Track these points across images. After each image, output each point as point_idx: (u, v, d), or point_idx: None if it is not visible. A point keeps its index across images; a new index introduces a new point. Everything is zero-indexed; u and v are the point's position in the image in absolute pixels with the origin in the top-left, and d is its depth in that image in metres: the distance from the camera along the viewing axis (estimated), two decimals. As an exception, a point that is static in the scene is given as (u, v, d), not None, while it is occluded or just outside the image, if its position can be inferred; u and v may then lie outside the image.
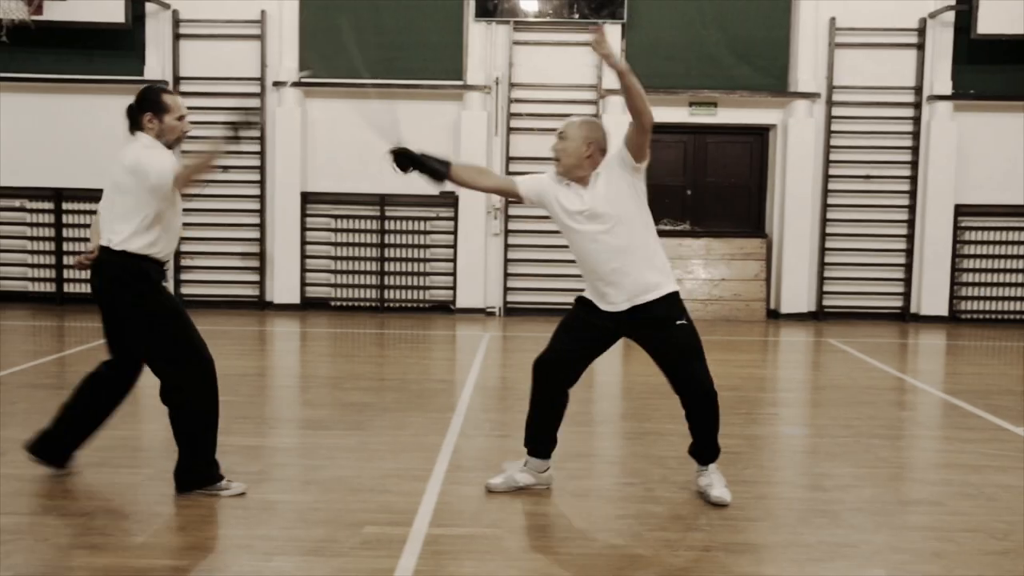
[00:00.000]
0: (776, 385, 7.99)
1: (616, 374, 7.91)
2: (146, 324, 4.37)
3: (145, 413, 6.07)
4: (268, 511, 4.28)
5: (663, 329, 4.34)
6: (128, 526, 4.09)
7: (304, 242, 11.72)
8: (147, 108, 4.40)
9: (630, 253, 4.27)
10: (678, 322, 4.33)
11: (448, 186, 4.34)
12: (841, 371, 8.23)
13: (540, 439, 4.60)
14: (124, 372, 4.58)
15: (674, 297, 4.36)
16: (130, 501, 4.39)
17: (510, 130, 11.60)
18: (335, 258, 11.79)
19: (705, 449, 4.56)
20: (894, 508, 4.51)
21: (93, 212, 11.55)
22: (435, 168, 4.41)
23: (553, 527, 4.19)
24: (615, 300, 4.33)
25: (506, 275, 11.69)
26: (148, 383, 4.63)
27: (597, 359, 4.57)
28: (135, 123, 4.44)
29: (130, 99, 4.53)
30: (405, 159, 4.37)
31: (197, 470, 4.47)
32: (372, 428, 5.85)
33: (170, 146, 4.44)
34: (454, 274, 11.71)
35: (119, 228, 4.32)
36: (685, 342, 4.35)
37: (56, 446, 4.61)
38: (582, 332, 4.46)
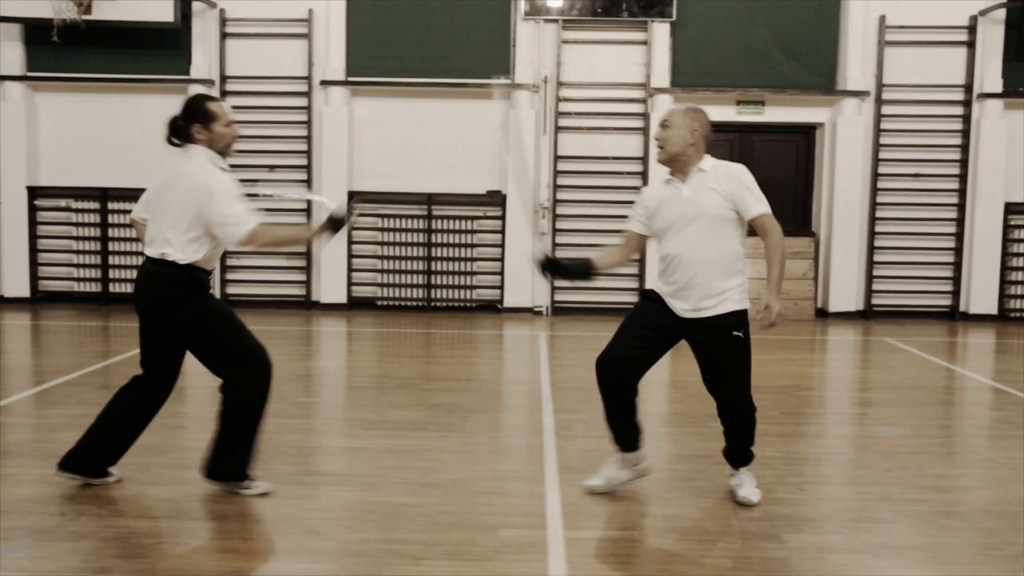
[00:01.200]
0: (851, 385, 7.93)
1: (695, 374, 7.87)
2: (205, 331, 4.34)
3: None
4: (398, 514, 4.25)
5: (717, 339, 4.30)
6: (263, 530, 4.07)
7: (351, 241, 11.67)
8: (195, 119, 4.33)
9: (714, 264, 4.25)
10: (734, 333, 4.30)
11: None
12: (911, 370, 8.19)
13: (623, 433, 4.57)
14: (157, 387, 4.52)
15: (741, 314, 4.33)
16: (254, 505, 4.35)
17: (558, 129, 11.56)
18: (382, 257, 11.76)
19: (738, 455, 4.55)
20: (1022, 510, 4.47)
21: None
22: (580, 272, 4.64)
23: (688, 529, 4.16)
24: (684, 305, 4.33)
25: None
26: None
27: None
28: (184, 135, 4.35)
29: (177, 98, 4.45)
30: (551, 266, 4.57)
31: (234, 462, 4.43)
32: (467, 430, 5.82)
33: (222, 153, 4.39)
34: (501, 273, 11.68)
35: (172, 238, 4.26)
36: (734, 356, 4.33)
37: (92, 458, 4.50)
38: (644, 329, 4.43)
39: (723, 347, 4.31)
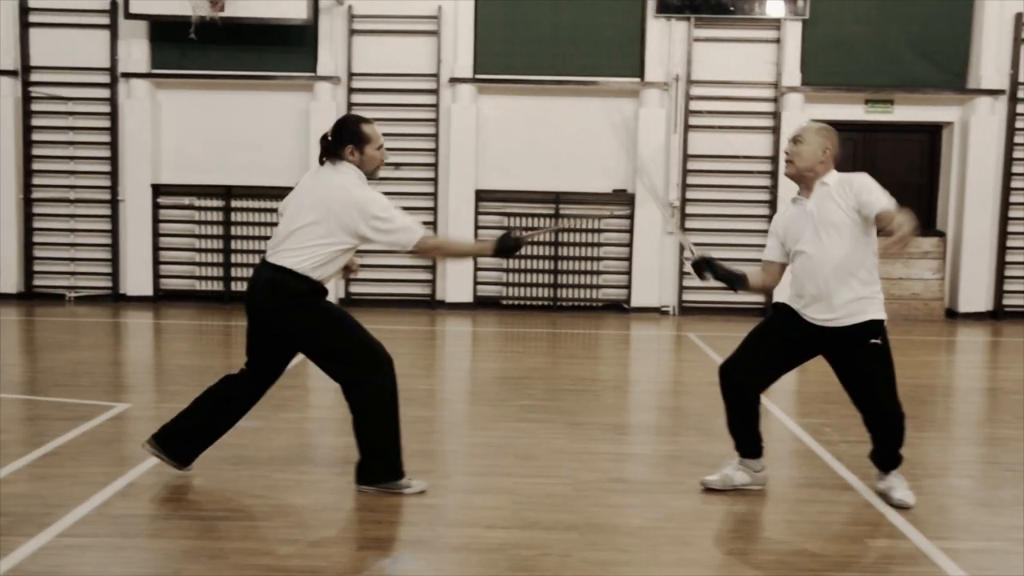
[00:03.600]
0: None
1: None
2: (320, 336, 4.31)
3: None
4: (737, 521, 4.18)
5: (856, 348, 4.29)
6: (631, 542, 3.94)
7: (477, 240, 11.59)
8: (347, 140, 4.33)
9: (844, 271, 4.25)
10: (871, 341, 4.28)
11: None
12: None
13: (745, 440, 4.58)
14: (261, 384, 4.52)
15: (879, 323, 4.30)
16: (593, 515, 4.23)
17: (688, 128, 11.47)
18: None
19: (888, 459, 4.50)
20: None
21: (262, 210, 11.50)
22: (733, 281, 4.54)
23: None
24: (820, 315, 4.31)
25: (682, 273, 11.59)
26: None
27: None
28: (335, 154, 4.35)
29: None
30: (705, 266, 4.53)
31: (380, 464, 4.40)
32: (713, 433, 5.71)
33: (370, 176, 4.40)
34: (629, 273, 11.60)
35: (300, 249, 4.24)
36: (875, 363, 4.30)
37: (184, 444, 4.49)
38: (776, 340, 4.46)
39: (863, 356, 4.30)
